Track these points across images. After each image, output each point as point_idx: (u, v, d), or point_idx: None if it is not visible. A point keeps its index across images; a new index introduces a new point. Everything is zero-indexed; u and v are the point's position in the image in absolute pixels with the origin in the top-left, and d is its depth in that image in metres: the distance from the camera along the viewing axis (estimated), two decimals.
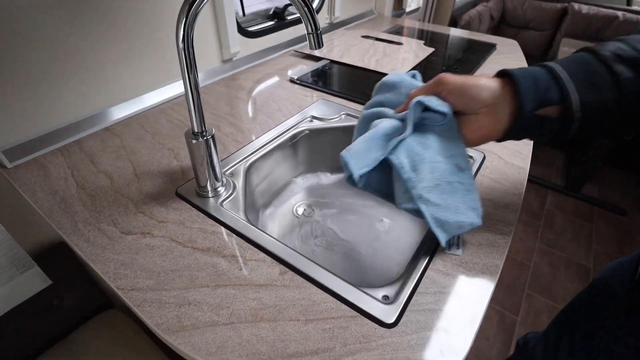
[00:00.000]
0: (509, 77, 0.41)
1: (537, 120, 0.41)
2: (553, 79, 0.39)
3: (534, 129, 0.41)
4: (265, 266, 0.46)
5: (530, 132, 0.42)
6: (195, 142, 0.51)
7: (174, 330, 0.39)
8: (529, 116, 0.40)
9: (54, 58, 0.64)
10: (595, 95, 0.37)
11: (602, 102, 0.38)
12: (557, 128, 0.41)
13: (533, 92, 0.39)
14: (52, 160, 0.65)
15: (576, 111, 0.38)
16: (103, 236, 0.50)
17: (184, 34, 0.42)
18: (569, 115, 0.39)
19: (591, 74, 0.38)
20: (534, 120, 0.41)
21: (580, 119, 0.39)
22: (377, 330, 0.40)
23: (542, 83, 0.39)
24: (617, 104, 0.37)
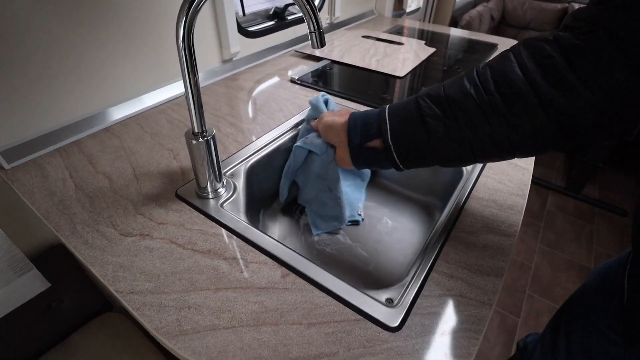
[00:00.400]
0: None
1: (368, 151, 0.50)
2: (377, 119, 0.48)
3: (370, 157, 0.51)
4: (267, 269, 0.46)
5: (369, 160, 0.52)
6: (196, 142, 0.50)
7: (174, 334, 0.38)
8: (358, 148, 0.51)
9: (51, 57, 0.63)
10: (404, 130, 0.45)
11: (410, 134, 0.45)
12: (385, 157, 0.49)
13: (359, 130, 0.50)
14: (51, 161, 0.64)
15: (390, 142, 0.46)
16: (102, 238, 0.49)
17: (184, 32, 0.41)
18: (387, 145, 0.47)
19: (405, 113, 0.46)
20: (366, 151, 0.50)
21: (395, 149, 0.46)
22: (381, 334, 0.39)
23: (369, 122, 0.49)
24: (424, 134, 0.44)
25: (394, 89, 0.94)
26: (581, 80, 0.36)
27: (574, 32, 0.37)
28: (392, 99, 0.90)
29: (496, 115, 0.40)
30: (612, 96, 0.35)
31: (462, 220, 0.54)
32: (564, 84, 0.37)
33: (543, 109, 0.38)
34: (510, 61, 0.40)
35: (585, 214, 2.05)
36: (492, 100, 0.40)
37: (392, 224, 0.71)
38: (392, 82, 0.98)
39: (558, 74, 0.37)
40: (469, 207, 0.57)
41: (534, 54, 0.39)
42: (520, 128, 0.39)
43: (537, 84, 0.38)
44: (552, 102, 0.37)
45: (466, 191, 0.59)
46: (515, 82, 0.39)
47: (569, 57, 0.36)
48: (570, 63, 0.36)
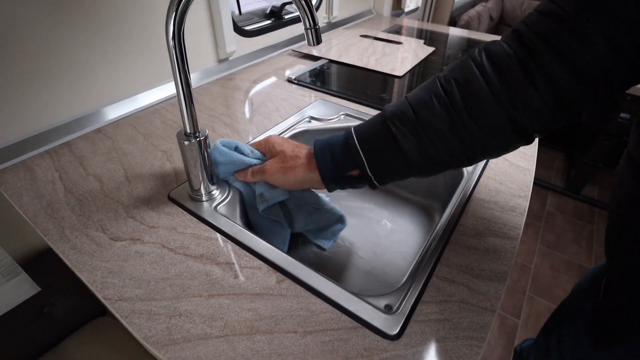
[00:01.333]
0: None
1: (345, 179, 0.48)
2: (347, 150, 0.46)
3: (347, 184, 0.49)
4: (262, 274, 0.44)
5: (345, 186, 0.49)
6: (188, 143, 0.48)
7: (163, 343, 0.37)
8: (334, 180, 0.48)
9: (40, 56, 0.61)
10: (381, 159, 0.44)
11: (388, 162, 0.44)
12: (363, 183, 0.48)
13: (330, 168, 0.47)
14: (40, 163, 0.62)
15: (370, 174, 0.45)
16: (91, 243, 0.48)
17: (174, 30, 0.40)
18: (366, 175, 0.45)
19: (378, 140, 0.44)
20: (342, 180, 0.48)
21: (375, 178, 0.45)
22: (380, 342, 0.37)
23: (337, 155, 0.46)
24: (403, 161, 0.43)
25: (393, 88, 0.93)
26: (533, 87, 0.37)
27: (525, 45, 0.38)
28: (390, 98, 0.88)
29: (458, 118, 0.40)
30: (561, 102, 0.37)
31: (462, 223, 0.53)
32: (518, 87, 0.38)
33: (501, 108, 0.39)
34: (471, 67, 0.40)
35: (585, 215, 2.04)
36: (456, 108, 0.40)
37: (391, 226, 0.70)
38: (390, 82, 0.96)
39: (513, 79, 0.38)
40: (470, 209, 0.55)
41: (493, 61, 0.39)
42: (483, 129, 0.40)
43: (494, 86, 0.39)
44: (503, 100, 0.38)
45: (467, 193, 0.58)
46: (476, 88, 0.39)
47: (524, 67, 0.37)
48: (524, 71, 0.37)
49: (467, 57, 0.42)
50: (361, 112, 0.80)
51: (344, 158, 0.46)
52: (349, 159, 0.46)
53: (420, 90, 0.44)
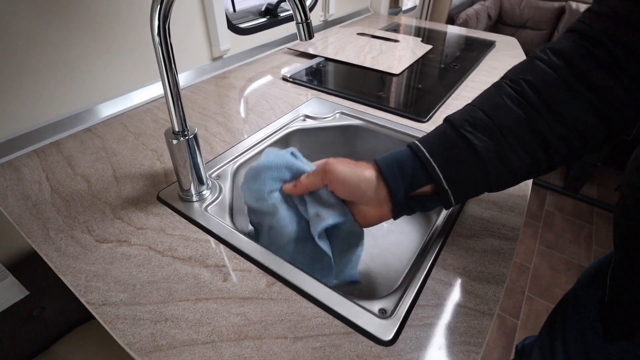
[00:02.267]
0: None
1: (416, 200, 0.43)
2: (418, 163, 0.41)
3: (417, 206, 0.43)
4: (252, 277, 0.43)
5: (415, 209, 0.44)
6: (176, 142, 0.47)
7: (147, 350, 0.35)
8: (403, 201, 0.42)
9: (27, 53, 0.60)
10: (458, 170, 0.40)
11: (466, 174, 0.40)
12: (437, 201, 0.42)
13: (400, 181, 0.41)
14: (27, 163, 0.61)
15: (446, 187, 0.40)
16: (76, 245, 0.46)
17: (159, 24, 0.38)
18: (442, 190, 0.41)
19: (452, 151, 0.40)
20: (413, 201, 0.43)
21: (452, 192, 0.41)
22: (373, 348, 0.36)
23: (408, 169, 0.41)
24: (483, 172, 0.39)
25: (390, 86, 0.91)
26: (614, 79, 0.36)
27: (593, 41, 0.37)
28: (388, 96, 0.87)
29: (539, 118, 0.38)
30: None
31: (460, 224, 0.51)
32: (597, 80, 0.36)
33: (584, 102, 0.37)
34: (539, 66, 0.39)
35: (584, 214, 2.02)
36: (535, 106, 0.38)
37: (387, 226, 0.68)
38: (387, 80, 0.95)
39: (590, 72, 0.36)
40: (468, 209, 0.54)
41: (563, 57, 0.38)
42: (566, 125, 0.37)
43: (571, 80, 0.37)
44: (584, 96, 0.37)
45: None
46: (552, 84, 0.38)
47: (598, 60, 0.36)
48: (600, 64, 0.36)
49: (531, 58, 0.40)
50: (357, 110, 0.78)
51: (415, 172, 0.41)
52: (420, 172, 0.40)
53: (486, 95, 0.41)
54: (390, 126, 0.73)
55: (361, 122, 0.75)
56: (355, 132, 0.75)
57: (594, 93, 0.36)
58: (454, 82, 0.92)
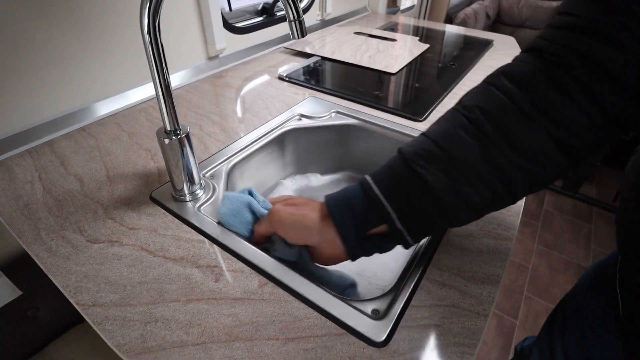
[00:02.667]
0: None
1: (371, 241, 0.41)
2: (368, 202, 0.38)
3: (374, 247, 0.41)
4: (244, 277, 0.42)
5: (372, 249, 0.41)
6: (168, 141, 0.46)
7: (136, 352, 0.35)
8: (357, 243, 0.40)
9: (20, 51, 0.59)
10: (412, 208, 0.37)
11: (420, 211, 0.37)
12: (394, 240, 0.40)
13: (351, 221, 0.39)
14: (20, 163, 0.60)
15: (400, 227, 0.38)
16: (67, 245, 0.46)
17: (149, 22, 0.38)
18: (396, 231, 0.38)
19: (404, 187, 0.37)
20: (367, 242, 0.41)
21: (408, 231, 0.38)
22: (365, 350, 0.35)
23: (358, 209, 0.39)
24: (439, 207, 0.36)
25: (387, 86, 0.91)
26: (573, 103, 0.33)
27: (551, 61, 0.34)
28: (385, 96, 0.86)
29: (494, 149, 0.35)
30: (608, 117, 0.33)
31: None
32: (555, 106, 0.34)
33: (541, 130, 0.34)
34: (494, 92, 0.37)
35: (583, 214, 2.02)
36: (490, 136, 0.35)
37: None
38: (385, 79, 0.94)
39: (546, 98, 0.34)
40: None
41: (517, 82, 0.35)
42: (524, 156, 0.35)
43: (526, 107, 0.34)
44: (541, 122, 0.34)
45: None
46: (507, 113, 0.35)
47: (555, 83, 0.34)
48: (556, 88, 0.33)
49: (484, 84, 0.38)
50: (353, 109, 0.78)
51: (365, 212, 0.39)
52: (372, 213, 0.38)
53: (439, 124, 0.39)
54: (386, 125, 0.72)
55: (357, 121, 0.74)
56: (351, 132, 0.75)
57: (551, 121, 0.34)
58: (450, 81, 0.92)
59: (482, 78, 0.40)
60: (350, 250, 0.41)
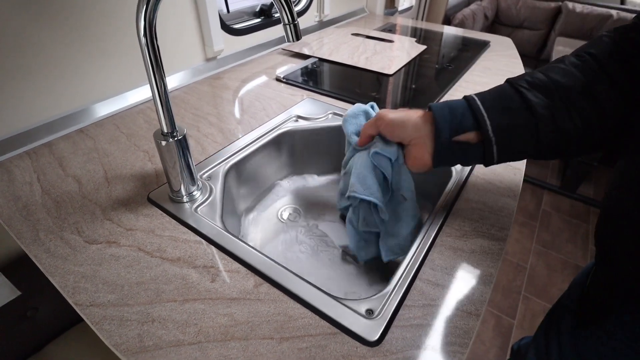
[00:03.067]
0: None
1: (459, 146, 0.43)
2: (469, 108, 0.42)
3: (458, 154, 0.44)
4: (240, 278, 0.43)
5: (455, 157, 0.44)
6: (165, 143, 0.47)
7: (133, 351, 0.35)
8: (447, 143, 0.43)
9: (18, 54, 0.60)
10: (508, 120, 0.40)
11: (514, 125, 0.40)
12: (479, 152, 0.43)
13: (448, 121, 0.42)
14: (19, 164, 0.61)
15: (491, 135, 0.41)
16: (65, 246, 0.46)
17: (145, 25, 0.38)
18: (486, 139, 0.41)
19: (505, 102, 0.41)
20: (456, 146, 0.43)
21: (496, 142, 0.41)
22: (358, 349, 0.36)
23: (458, 113, 0.42)
24: (532, 126, 0.40)
25: (384, 87, 0.92)
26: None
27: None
28: (383, 97, 0.87)
29: (601, 86, 0.38)
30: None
31: (449, 224, 0.51)
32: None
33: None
34: (607, 43, 0.40)
35: (580, 214, 2.03)
36: (594, 71, 0.39)
37: None
38: (382, 81, 0.95)
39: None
40: (457, 209, 0.54)
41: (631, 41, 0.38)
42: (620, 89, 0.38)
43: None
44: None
45: (455, 193, 0.57)
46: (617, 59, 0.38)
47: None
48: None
49: (600, 36, 0.41)
50: None
51: (463, 116, 0.42)
52: (468, 116, 0.42)
53: (550, 63, 0.42)
54: None
55: None
56: None
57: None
58: (447, 82, 0.92)
59: (478, 79, 0.42)
60: (439, 150, 0.44)
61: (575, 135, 0.39)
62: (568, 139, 0.40)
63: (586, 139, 0.40)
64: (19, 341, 0.75)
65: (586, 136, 0.40)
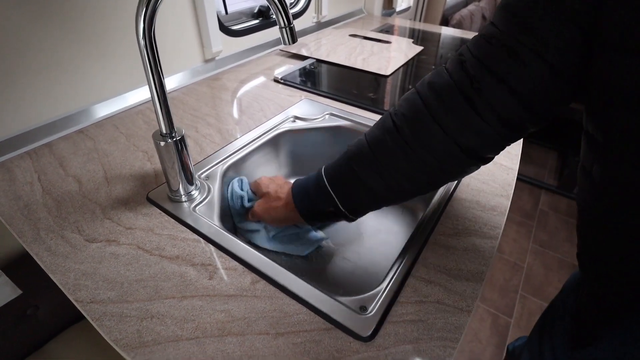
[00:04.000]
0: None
1: (324, 215, 0.51)
2: (320, 193, 0.49)
3: (327, 220, 0.53)
4: (237, 275, 0.44)
5: (326, 222, 0.58)
6: (164, 144, 0.48)
7: (133, 346, 0.36)
8: (311, 219, 0.53)
9: (19, 55, 0.61)
10: (354, 201, 0.48)
11: (360, 202, 0.48)
12: (341, 217, 0.50)
13: (307, 205, 0.51)
14: (20, 164, 0.62)
15: (344, 211, 0.48)
16: (66, 244, 0.47)
17: (144, 27, 0.39)
18: (341, 212, 0.49)
19: (347, 181, 0.47)
20: (321, 217, 0.52)
21: (351, 213, 0.49)
22: (352, 344, 0.37)
23: (313, 197, 0.50)
24: (374, 198, 0.47)
25: (382, 88, 0.93)
26: (478, 114, 0.37)
27: (467, 72, 0.38)
28: (380, 98, 0.88)
29: (411, 151, 0.41)
30: (507, 126, 0.38)
31: (442, 223, 0.52)
32: (462, 116, 0.38)
33: (449, 137, 0.39)
34: (416, 101, 0.42)
35: None
36: (409, 142, 0.42)
37: (375, 225, 0.69)
38: (380, 81, 0.96)
39: (457, 109, 0.38)
40: (451, 208, 0.55)
41: (436, 93, 0.40)
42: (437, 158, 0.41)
43: (440, 117, 0.39)
44: (450, 130, 0.39)
45: (448, 192, 0.58)
46: (423, 121, 0.40)
47: (466, 96, 0.37)
48: (467, 100, 0.37)
49: (413, 91, 0.43)
50: (347, 111, 0.79)
51: (318, 198, 0.50)
52: (322, 198, 0.49)
53: (376, 128, 0.46)
54: None
55: (350, 123, 0.76)
56: (343, 133, 0.76)
57: (459, 129, 0.39)
58: None
59: None
60: (310, 223, 0.54)
61: (414, 192, 0.46)
62: (405, 196, 0.47)
63: (422, 189, 0.46)
64: (20, 339, 0.75)
65: (422, 188, 0.46)
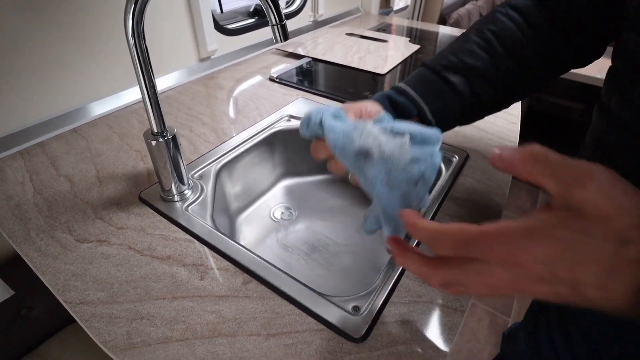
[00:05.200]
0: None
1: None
2: (406, 99, 0.48)
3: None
4: (228, 275, 0.43)
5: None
6: (155, 143, 0.47)
7: (122, 348, 0.36)
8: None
9: (12, 54, 0.60)
10: (440, 103, 0.48)
11: (446, 106, 0.48)
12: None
13: (393, 112, 0.48)
14: (11, 164, 0.61)
15: (430, 118, 0.48)
16: (56, 245, 0.47)
17: (133, 25, 0.39)
18: (426, 122, 0.48)
19: (433, 87, 0.48)
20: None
21: (436, 123, 0.48)
22: (344, 345, 0.37)
23: (399, 103, 0.49)
24: (460, 103, 0.48)
25: (379, 87, 0.92)
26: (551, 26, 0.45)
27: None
28: None
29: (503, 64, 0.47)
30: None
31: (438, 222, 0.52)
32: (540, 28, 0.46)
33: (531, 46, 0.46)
34: (501, 19, 0.48)
35: None
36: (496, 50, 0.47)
37: None
38: (374, 80, 0.95)
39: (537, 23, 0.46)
40: (446, 208, 0.55)
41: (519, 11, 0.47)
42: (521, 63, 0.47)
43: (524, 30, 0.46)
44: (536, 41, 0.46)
45: (443, 192, 0.57)
46: (510, 33, 0.46)
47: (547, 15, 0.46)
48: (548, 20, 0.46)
49: (494, 13, 0.49)
50: None
51: (404, 104, 0.48)
52: (408, 104, 0.48)
53: (457, 42, 0.49)
54: None
55: None
56: None
57: (540, 41, 0.46)
58: None
59: None
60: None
61: (490, 102, 0.49)
62: (484, 106, 0.50)
63: (502, 102, 0.50)
64: (14, 340, 0.75)
65: (501, 100, 0.50)
